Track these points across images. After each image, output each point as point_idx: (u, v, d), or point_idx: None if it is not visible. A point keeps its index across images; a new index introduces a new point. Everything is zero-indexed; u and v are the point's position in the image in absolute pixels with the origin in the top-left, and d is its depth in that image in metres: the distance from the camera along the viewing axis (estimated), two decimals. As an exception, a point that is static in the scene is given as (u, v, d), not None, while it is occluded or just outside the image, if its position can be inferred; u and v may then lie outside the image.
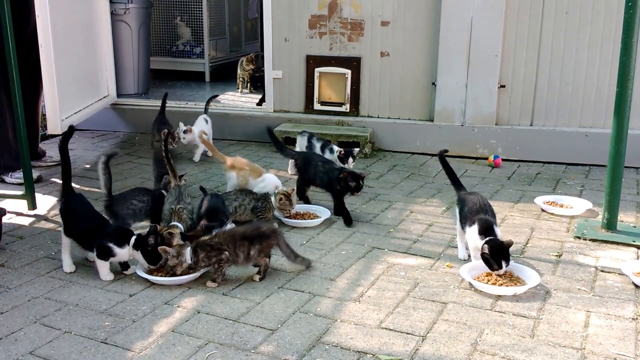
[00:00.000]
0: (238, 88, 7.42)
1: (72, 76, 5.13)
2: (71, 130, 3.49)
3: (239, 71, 7.44)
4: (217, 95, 6.25)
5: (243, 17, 9.28)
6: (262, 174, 4.30)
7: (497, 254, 3.06)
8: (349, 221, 4.02)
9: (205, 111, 5.76)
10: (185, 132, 5.36)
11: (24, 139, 4.08)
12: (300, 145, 5.05)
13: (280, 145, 4.71)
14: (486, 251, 3.07)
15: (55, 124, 4.71)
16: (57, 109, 4.68)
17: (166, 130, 4.07)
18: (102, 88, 6.09)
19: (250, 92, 7.33)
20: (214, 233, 3.29)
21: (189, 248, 3.13)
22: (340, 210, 4.11)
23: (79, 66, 5.44)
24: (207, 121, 5.67)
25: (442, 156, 3.73)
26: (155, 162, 4.32)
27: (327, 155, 4.76)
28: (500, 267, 3.08)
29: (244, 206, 3.88)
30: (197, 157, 5.53)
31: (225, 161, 4.37)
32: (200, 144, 5.47)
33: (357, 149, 4.89)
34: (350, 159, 4.71)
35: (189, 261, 3.12)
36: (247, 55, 7.45)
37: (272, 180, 4.26)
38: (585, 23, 5.26)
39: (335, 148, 4.82)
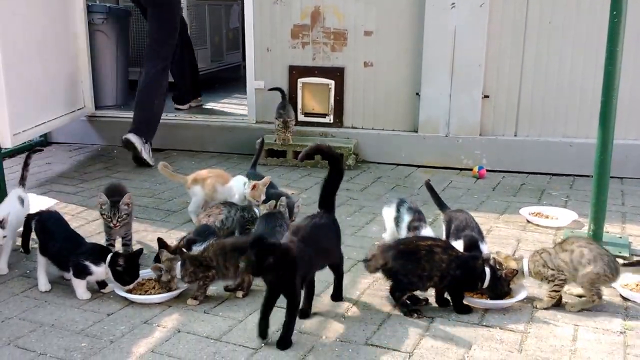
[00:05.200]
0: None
1: (31, 87, 4.97)
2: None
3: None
4: (39, 150, 4.32)
5: (224, 26, 9.21)
6: (230, 180, 4.11)
7: None
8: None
9: (22, 180, 3.66)
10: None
11: None
12: (388, 218, 3.69)
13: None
14: None
15: (4, 137, 4.50)
16: (7, 120, 4.48)
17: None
18: (78, 99, 5.97)
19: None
20: (195, 249, 3.20)
21: (179, 262, 3.04)
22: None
23: (45, 77, 5.28)
24: (22, 201, 3.58)
25: (429, 185, 3.72)
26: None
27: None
28: None
29: (231, 217, 3.73)
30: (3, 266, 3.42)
31: (186, 180, 4.19)
32: (6, 248, 3.38)
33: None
34: None
35: (179, 276, 3.03)
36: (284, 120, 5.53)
37: (239, 179, 4.04)
38: (569, 33, 5.25)
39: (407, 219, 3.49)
